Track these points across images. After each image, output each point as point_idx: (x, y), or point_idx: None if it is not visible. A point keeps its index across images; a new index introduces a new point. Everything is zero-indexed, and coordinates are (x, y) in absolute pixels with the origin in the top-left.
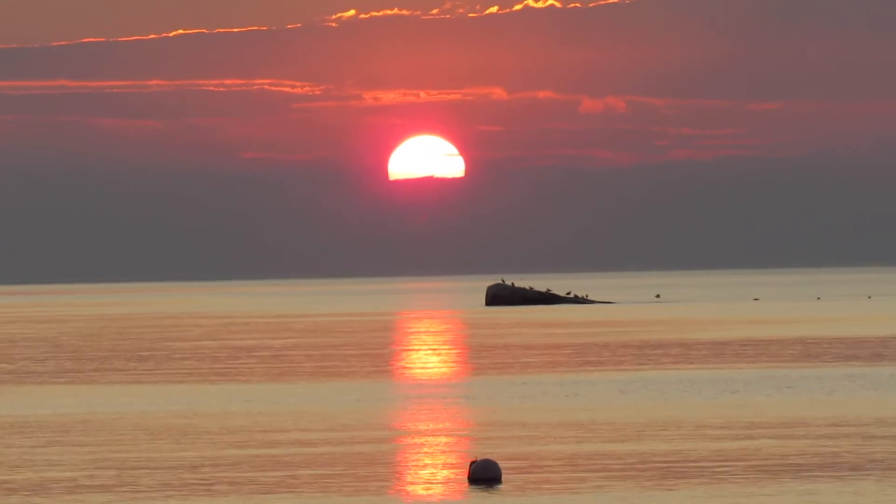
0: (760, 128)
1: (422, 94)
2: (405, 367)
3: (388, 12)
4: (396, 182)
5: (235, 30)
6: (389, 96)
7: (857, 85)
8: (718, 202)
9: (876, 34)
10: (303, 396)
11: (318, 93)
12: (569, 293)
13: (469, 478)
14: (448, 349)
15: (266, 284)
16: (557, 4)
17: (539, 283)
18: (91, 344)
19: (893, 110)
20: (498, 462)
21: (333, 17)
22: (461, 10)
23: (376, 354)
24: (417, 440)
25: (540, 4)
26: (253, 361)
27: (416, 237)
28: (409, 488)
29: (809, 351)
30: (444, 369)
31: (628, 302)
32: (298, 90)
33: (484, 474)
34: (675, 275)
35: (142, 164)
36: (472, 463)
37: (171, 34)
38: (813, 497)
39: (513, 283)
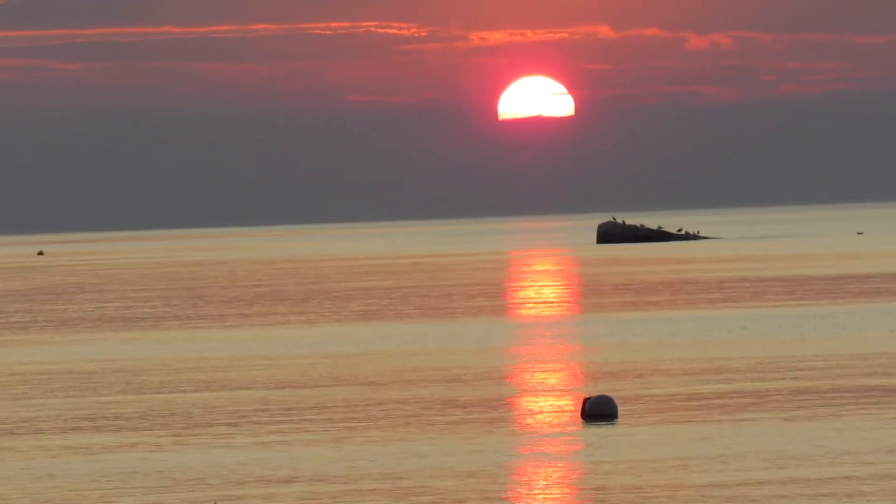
0: (868, 61)
1: (528, 33)
2: (519, 306)
3: None
4: (506, 122)
5: None
6: (496, 36)
7: None
8: (826, 136)
9: None
10: (418, 336)
11: (424, 34)
12: (680, 230)
13: (584, 414)
14: (561, 287)
15: (374, 227)
16: None
17: (650, 220)
18: (223, 289)
19: None
20: (613, 398)
21: None
22: None
23: (491, 294)
24: (532, 377)
25: None
26: (370, 302)
27: (526, 177)
28: (524, 424)
29: None
30: (557, 307)
31: (739, 238)
32: (405, 32)
33: (599, 410)
34: (784, 210)
35: (247, 109)
36: (587, 399)
37: None
38: None
39: (624, 221)
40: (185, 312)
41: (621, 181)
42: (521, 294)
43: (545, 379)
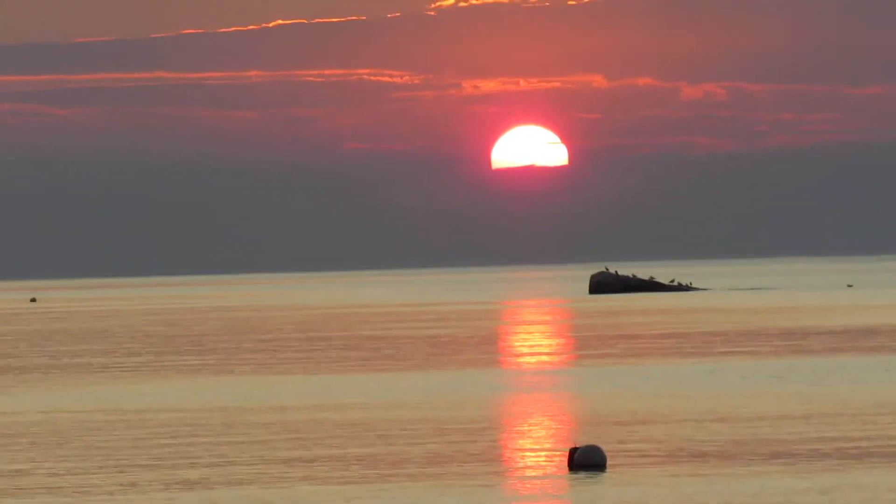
0: (860, 113)
1: (521, 82)
2: (510, 356)
3: (488, 0)
4: (499, 171)
5: (334, 20)
6: (489, 85)
7: None
8: (817, 187)
9: None
10: (409, 384)
11: (417, 82)
12: (672, 281)
13: (572, 464)
14: (553, 337)
15: (369, 275)
16: None
17: (642, 270)
18: (223, 336)
19: None
20: (602, 448)
21: (433, 5)
22: None
23: (482, 344)
24: (520, 427)
25: None
26: (365, 351)
27: (519, 226)
28: (510, 473)
29: None
30: (549, 357)
31: (730, 289)
32: (398, 80)
33: (588, 460)
34: (778, 262)
35: (241, 156)
36: (575, 449)
37: (271, 24)
38: None
39: (616, 271)
40: (186, 360)
41: (614, 231)
42: (513, 344)
43: (533, 429)
